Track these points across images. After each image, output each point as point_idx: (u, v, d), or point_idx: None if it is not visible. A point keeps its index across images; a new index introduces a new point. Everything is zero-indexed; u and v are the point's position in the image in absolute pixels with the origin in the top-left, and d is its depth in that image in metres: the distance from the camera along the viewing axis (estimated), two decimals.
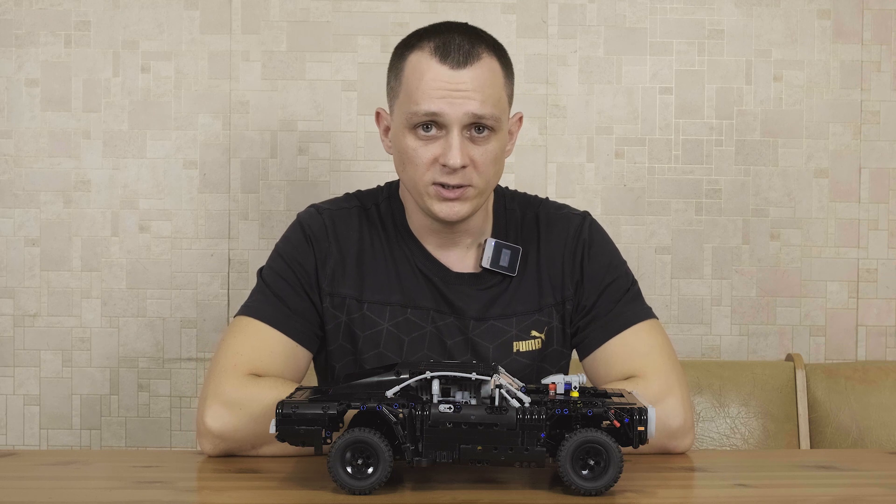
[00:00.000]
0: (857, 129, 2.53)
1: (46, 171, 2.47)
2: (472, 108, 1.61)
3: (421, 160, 1.63)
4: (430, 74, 1.61)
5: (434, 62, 1.62)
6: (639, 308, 1.74)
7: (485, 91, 1.62)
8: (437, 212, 1.65)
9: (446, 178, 1.62)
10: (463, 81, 1.61)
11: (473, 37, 1.65)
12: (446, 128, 1.62)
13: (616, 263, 1.77)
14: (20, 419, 2.47)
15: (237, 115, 2.48)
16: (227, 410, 1.56)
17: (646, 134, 2.52)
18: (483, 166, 1.64)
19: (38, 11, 2.46)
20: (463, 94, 1.61)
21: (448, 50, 1.62)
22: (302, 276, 1.70)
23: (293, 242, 1.74)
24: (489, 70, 1.64)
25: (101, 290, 2.47)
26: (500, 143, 1.66)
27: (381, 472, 1.29)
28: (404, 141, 1.65)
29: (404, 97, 1.65)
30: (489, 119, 1.62)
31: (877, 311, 2.54)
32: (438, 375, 1.33)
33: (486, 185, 1.66)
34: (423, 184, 1.64)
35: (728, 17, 2.52)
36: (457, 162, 1.60)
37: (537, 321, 1.72)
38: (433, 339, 1.70)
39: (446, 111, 1.61)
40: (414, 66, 1.64)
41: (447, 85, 1.61)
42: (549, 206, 1.81)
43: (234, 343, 1.65)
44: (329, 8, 2.49)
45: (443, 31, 1.66)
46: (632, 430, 1.32)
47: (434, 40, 1.64)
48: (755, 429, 2.28)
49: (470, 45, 1.63)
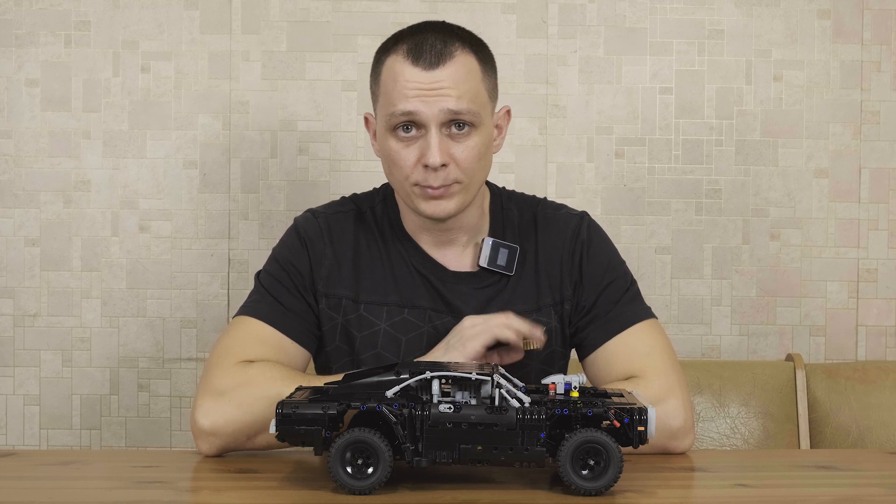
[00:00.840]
0: (857, 129, 2.53)
1: (46, 171, 2.47)
2: (448, 105, 1.61)
3: (404, 162, 1.64)
4: (405, 76, 1.63)
5: (408, 64, 1.63)
6: (638, 308, 1.74)
7: (460, 87, 1.62)
8: (424, 210, 1.66)
9: (429, 178, 1.63)
10: (437, 80, 1.62)
11: (447, 35, 1.66)
12: (425, 127, 1.62)
13: (615, 263, 1.77)
14: (20, 419, 2.47)
15: (237, 115, 2.48)
16: (217, 402, 1.57)
17: (646, 134, 2.52)
18: (465, 162, 1.64)
19: (38, 11, 2.46)
20: (437, 92, 1.61)
21: (421, 51, 1.63)
22: (296, 278, 1.71)
23: (288, 246, 1.75)
24: (463, 66, 1.64)
25: (101, 290, 2.47)
26: (484, 139, 1.66)
27: (381, 472, 1.29)
28: (387, 143, 1.66)
29: (383, 100, 1.66)
30: (467, 114, 1.62)
31: (877, 311, 2.54)
32: (438, 375, 1.33)
33: (472, 180, 1.66)
34: (409, 184, 1.66)
35: (728, 17, 2.52)
36: (436, 161, 1.61)
37: (536, 321, 1.72)
38: (431, 338, 1.70)
39: (421, 109, 1.61)
40: (389, 70, 1.65)
41: (420, 85, 1.62)
42: (547, 206, 1.81)
43: (227, 339, 1.66)
44: (329, 8, 2.49)
45: (417, 32, 1.67)
46: (632, 430, 1.32)
47: (407, 42, 1.65)
48: (755, 429, 2.28)
49: (442, 45, 1.64)
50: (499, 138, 1.74)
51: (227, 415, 1.55)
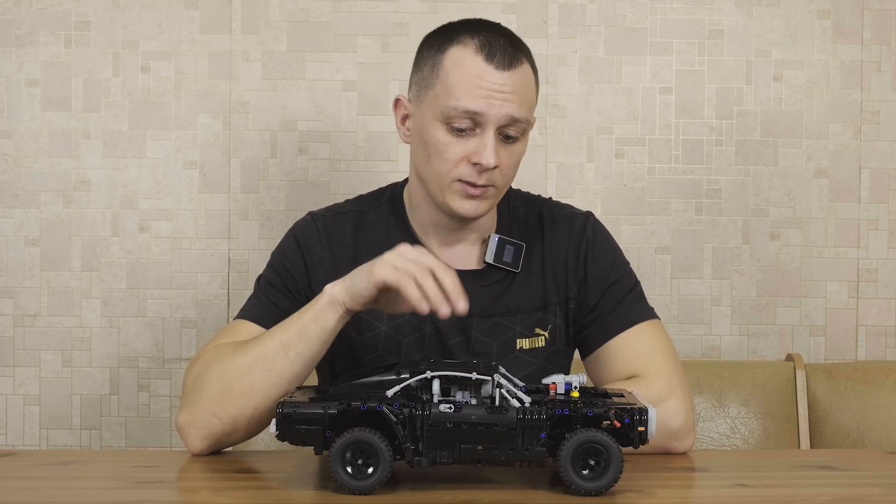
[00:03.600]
0: (857, 129, 2.53)
1: (46, 171, 2.47)
2: (511, 111, 1.61)
3: (450, 155, 1.63)
4: (475, 71, 1.61)
5: (479, 59, 1.62)
6: (641, 308, 1.74)
7: (523, 95, 1.63)
8: (458, 208, 1.65)
9: (475, 176, 1.63)
10: (505, 83, 1.61)
11: (514, 40, 1.67)
12: (481, 126, 1.62)
13: (619, 263, 1.78)
14: (20, 419, 2.47)
15: (237, 115, 2.48)
16: (186, 395, 1.58)
17: (646, 134, 2.52)
18: (508, 168, 1.66)
19: (38, 11, 2.46)
20: (503, 97, 1.61)
21: (494, 50, 1.62)
22: (290, 282, 1.72)
23: (284, 251, 1.76)
24: (527, 75, 1.66)
25: (101, 290, 2.47)
26: (524, 148, 1.69)
27: (381, 472, 1.29)
28: (434, 133, 1.64)
29: (441, 90, 1.63)
30: (523, 123, 1.64)
31: (877, 311, 2.54)
32: (439, 375, 1.33)
33: (506, 185, 1.69)
34: (448, 179, 1.64)
35: (728, 17, 2.52)
36: (490, 162, 1.61)
37: (542, 319, 1.72)
38: (433, 339, 1.70)
39: (486, 111, 1.61)
40: (456, 61, 1.63)
41: (491, 85, 1.61)
42: (553, 205, 1.82)
43: (214, 341, 1.67)
44: (329, 8, 2.49)
45: (484, 29, 1.66)
46: (632, 430, 1.32)
47: (477, 38, 1.64)
48: (755, 429, 2.28)
49: (513, 49, 1.64)
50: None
51: (194, 401, 1.56)
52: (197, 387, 1.57)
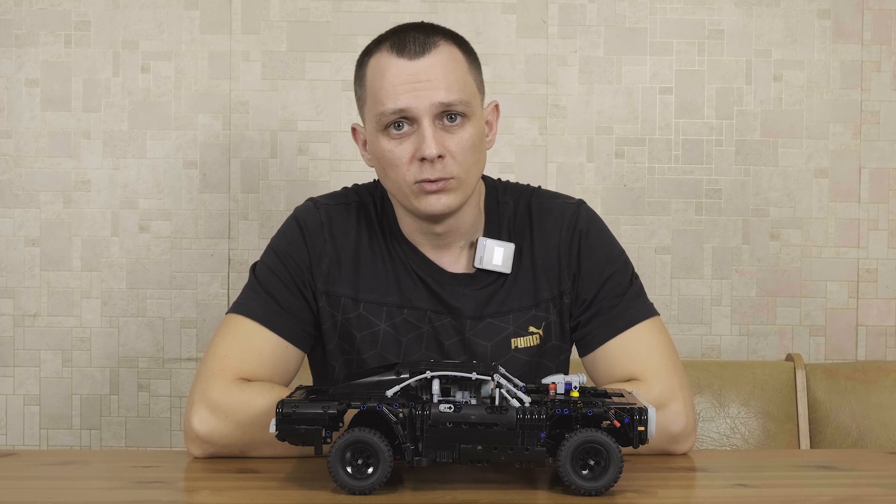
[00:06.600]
0: (857, 129, 2.53)
1: (46, 171, 2.47)
2: (439, 97, 1.59)
3: (399, 160, 1.61)
4: (391, 71, 1.61)
5: (393, 58, 1.61)
6: (641, 305, 1.71)
7: (448, 77, 1.61)
8: (424, 208, 1.63)
9: (427, 171, 1.60)
10: (423, 70, 1.60)
11: (429, 29, 1.65)
12: (417, 121, 1.60)
13: (614, 255, 1.74)
14: (20, 419, 2.47)
15: (237, 115, 2.48)
16: (213, 415, 1.55)
17: (646, 134, 2.52)
18: (460, 155, 1.61)
19: (38, 11, 2.46)
20: (426, 84, 1.59)
21: (404, 43, 1.62)
22: (295, 273, 1.69)
23: (288, 238, 1.72)
24: (448, 56, 1.63)
25: (101, 290, 2.47)
26: (476, 130, 1.64)
27: (381, 472, 1.29)
28: (379, 145, 1.63)
29: (371, 101, 1.64)
30: (458, 105, 1.60)
31: (877, 311, 2.54)
32: (438, 375, 1.33)
33: (467, 174, 1.63)
34: (406, 184, 1.62)
35: (728, 17, 2.52)
36: (432, 152, 1.58)
37: (535, 317, 1.71)
38: (430, 339, 1.69)
39: (412, 104, 1.59)
40: (374, 68, 1.64)
41: (409, 77, 1.60)
42: (542, 195, 1.78)
43: (223, 344, 1.64)
44: (329, 8, 2.49)
45: (398, 30, 1.67)
46: (632, 430, 1.32)
47: (389, 40, 1.64)
48: (755, 429, 2.28)
49: (425, 36, 1.63)
50: (490, 134, 1.72)
51: (223, 430, 1.55)
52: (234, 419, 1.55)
